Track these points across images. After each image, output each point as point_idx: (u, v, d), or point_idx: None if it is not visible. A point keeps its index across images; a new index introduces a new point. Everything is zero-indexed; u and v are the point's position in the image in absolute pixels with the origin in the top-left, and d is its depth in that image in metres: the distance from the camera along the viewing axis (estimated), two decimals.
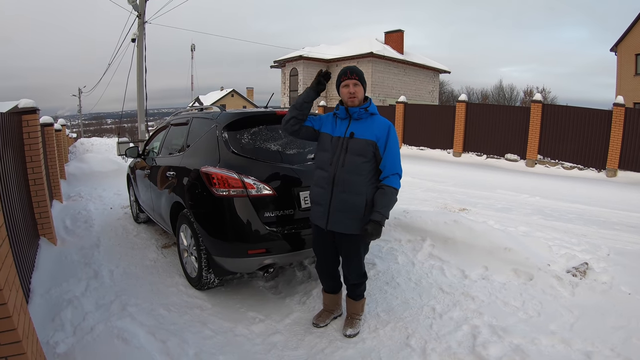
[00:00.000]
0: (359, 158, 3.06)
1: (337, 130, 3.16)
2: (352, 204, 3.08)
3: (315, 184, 3.24)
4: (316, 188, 3.22)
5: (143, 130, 14.57)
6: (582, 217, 6.90)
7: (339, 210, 3.09)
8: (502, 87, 52.70)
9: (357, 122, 3.13)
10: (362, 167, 3.07)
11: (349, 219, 3.10)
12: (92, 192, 9.48)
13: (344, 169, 3.06)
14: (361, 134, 3.07)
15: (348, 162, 3.06)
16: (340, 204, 3.08)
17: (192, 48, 39.90)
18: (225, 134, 3.99)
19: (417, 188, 9.28)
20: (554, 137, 14.21)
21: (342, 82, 3.13)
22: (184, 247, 4.33)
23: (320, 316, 3.57)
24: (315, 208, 3.24)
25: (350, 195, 3.07)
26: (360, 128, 3.09)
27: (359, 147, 3.06)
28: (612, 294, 3.73)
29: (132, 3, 13.59)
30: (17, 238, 3.66)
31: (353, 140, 3.07)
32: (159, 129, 6.20)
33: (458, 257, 4.54)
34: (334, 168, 3.08)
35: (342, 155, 3.07)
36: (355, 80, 3.08)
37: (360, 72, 3.14)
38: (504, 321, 3.39)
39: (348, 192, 3.06)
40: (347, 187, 3.06)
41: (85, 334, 3.24)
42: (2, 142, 3.72)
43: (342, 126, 3.15)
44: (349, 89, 3.08)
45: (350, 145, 3.07)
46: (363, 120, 3.13)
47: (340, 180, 3.06)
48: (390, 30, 29.53)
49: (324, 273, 3.49)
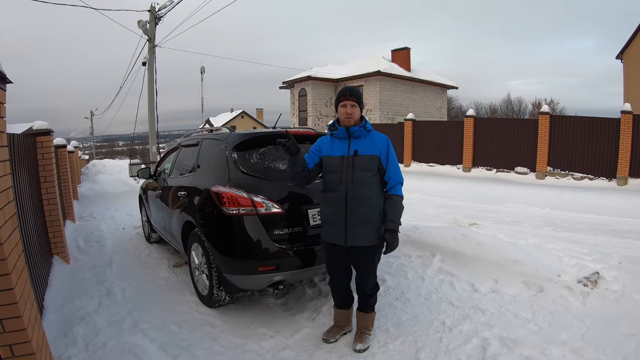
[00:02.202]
0: (367, 173, 3.14)
1: (337, 150, 3.24)
2: (368, 217, 3.16)
3: (326, 205, 3.29)
4: (328, 209, 3.27)
5: (154, 152, 14.74)
6: (593, 227, 6.87)
7: (357, 225, 3.15)
8: (511, 100, 52.66)
9: (357, 140, 3.21)
10: (371, 181, 3.16)
11: (367, 231, 3.17)
12: (105, 212, 9.59)
13: (354, 185, 3.13)
14: (364, 150, 3.16)
15: (357, 178, 3.13)
16: (357, 219, 3.15)
17: (201, 70, 40.46)
18: (235, 154, 4.06)
19: (427, 204, 9.28)
20: (563, 148, 14.19)
21: (340, 102, 3.20)
22: (195, 265, 4.37)
23: (330, 332, 3.58)
24: (330, 227, 3.27)
25: (365, 208, 3.15)
26: (362, 145, 3.19)
27: (365, 162, 3.14)
28: (624, 302, 3.68)
29: (142, 27, 13.87)
30: (32, 255, 3.74)
31: (358, 157, 3.16)
32: (170, 151, 6.30)
33: (468, 271, 4.53)
34: (344, 186, 3.15)
35: (350, 173, 3.15)
36: (353, 101, 3.16)
37: (359, 93, 3.22)
38: (514, 333, 3.37)
39: (363, 206, 3.14)
40: (362, 202, 3.13)
41: (97, 350, 3.30)
42: (18, 163, 3.81)
43: (342, 145, 3.24)
44: (347, 109, 3.16)
45: (356, 163, 3.15)
46: (362, 138, 3.22)
47: (353, 197, 3.13)
48: (397, 48, 29.66)
49: (339, 289, 3.51)
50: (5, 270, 2.04)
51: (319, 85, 27.13)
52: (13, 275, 2.09)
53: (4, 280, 2.04)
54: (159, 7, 13.87)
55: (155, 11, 13.97)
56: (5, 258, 2.03)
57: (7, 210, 2.20)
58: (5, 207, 2.16)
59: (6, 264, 2.04)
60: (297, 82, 27.81)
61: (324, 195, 3.33)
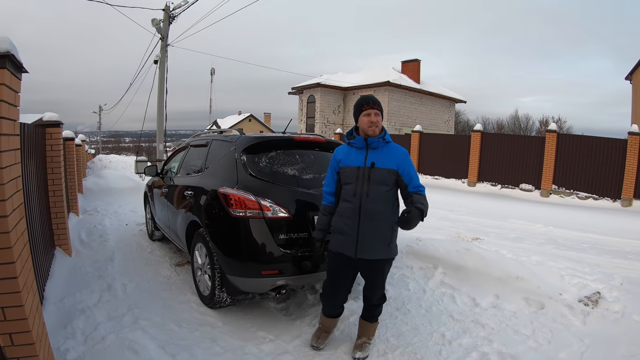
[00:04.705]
0: (382, 187, 3.09)
1: (355, 160, 3.16)
2: (381, 232, 3.12)
3: (339, 215, 3.22)
4: (342, 219, 3.19)
5: (161, 150, 14.79)
6: (596, 247, 6.84)
7: (369, 239, 3.10)
8: (518, 116, 52.73)
9: (374, 151, 3.14)
10: (386, 196, 3.11)
11: (378, 245, 3.13)
12: (108, 207, 9.62)
13: (368, 198, 3.07)
14: (382, 163, 3.09)
15: (372, 192, 3.07)
16: (369, 233, 3.09)
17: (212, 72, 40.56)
18: (244, 156, 4.07)
19: (430, 216, 9.16)
20: (568, 166, 14.15)
21: (363, 111, 3.12)
22: (198, 265, 4.37)
23: (319, 338, 3.54)
24: (341, 237, 3.19)
25: (378, 223, 3.10)
26: (380, 157, 3.11)
27: (382, 176, 3.08)
28: (624, 323, 3.68)
29: (156, 26, 13.96)
30: (35, 245, 3.75)
31: (374, 170, 3.08)
32: (178, 150, 6.32)
33: (469, 285, 4.52)
34: (358, 199, 3.09)
35: (365, 185, 3.08)
36: (377, 110, 3.09)
37: (380, 103, 3.17)
38: (513, 349, 3.36)
39: (375, 220, 3.09)
40: (375, 216, 3.08)
41: (96, 343, 3.30)
42: (27, 153, 3.83)
43: (359, 155, 3.16)
44: (371, 117, 3.08)
45: (373, 175, 3.08)
46: (380, 149, 3.14)
47: (366, 210, 3.07)
48: (407, 59, 29.71)
49: (337, 300, 3.46)
50: (10, 258, 2.05)
51: (328, 93, 27.16)
52: (17, 264, 2.10)
53: (8, 269, 2.05)
54: (174, 7, 13.97)
55: (170, 10, 14.06)
56: (11, 246, 2.04)
57: (16, 199, 2.21)
58: (14, 196, 2.17)
59: (11, 253, 2.05)
60: (306, 88, 27.85)
61: (340, 204, 3.25)
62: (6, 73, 2.05)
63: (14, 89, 2.20)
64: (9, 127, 2.13)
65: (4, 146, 2.05)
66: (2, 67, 2.02)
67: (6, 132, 2.08)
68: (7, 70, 2.06)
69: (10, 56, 2.04)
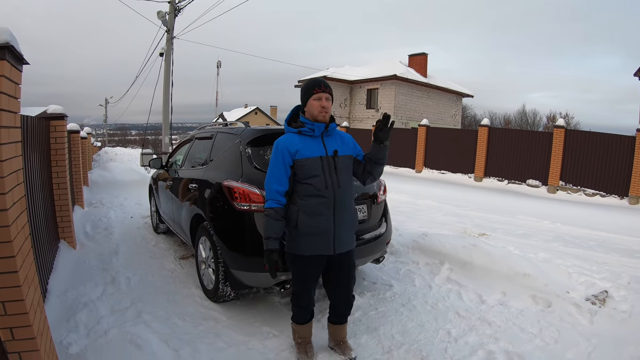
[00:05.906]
0: (348, 175, 3.00)
1: (314, 150, 2.89)
2: (352, 222, 3.04)
3: (309, 213, 2.88)
4: (314, 217, 2.88)
5: (167, 143, 14.81)
6: (603, 245, 6.76)
7: (344, 232, 2.96)
8: (525, 112, 52.52)
9: (329, 138, 2.96)
10: (351, 184, 3.04)
11: (351, 235, 3.06)
12: (114, 200, 9.64)
13: (340, 189, 2.90)
14: (342, 150, 2.97)
15: (343, 182, 2.92)
16: (343, 225, 2.95)
17: (218, 65, 40.56)
18: (249, 149, 4.04)
19: (437, 212, 9.21)
20: (576, 163, 14.04)
21: (314, 94, 2.87)
22: (202, 259, 4.35)
23: (307, 352, 3.23)
24: (313, 239, 2.90)
25: (350, 213, 3.01)
26: (337, 144, 2.97)
27: (345, 164, 2.97)
28: (632, 322, 3.63)
29: (161, 18, 13.93)
30: (38, 238, 3.74)
31: (338, 158, 2.93)
32: (183, 142, 6.29)
33: (476, 281, 4.48)
34: (331, 192, 2.87)
35: (334, 176, 2.89)
36: (328, 94, 2.89)
37: (331, 87, 2.97)
38: (520, 347, 3.32)
39: (348, 211, 2.98)
40: (348, 207, 2.98)
41: (98, 337, 3.29)
42: (30, 145, 3.81)
43: (315, 144, 2.91)
44: (322, 102, 2.86)
45: (338, 164, 2.92)
46: (332, 136, 2.99)
47: (340, 202, 2.90)
48: (414, 53, 29.59)
49: (310, 303, 3.17)
50: (10, 252, 2.02)
51: (334, 86, 27.06)
52: (18, 258, 2.07)
53: (8, 263, 2.03)
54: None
55: (176, 3, 14.03)
56: (11, 240, 2.02)
57: (17, 192, 2.18)
58: (15, 189, 2.15)
59: (11, 247, 2.02)
60: None
61: (303, 201, 2.89)
62: (6, 64, 2.02)
63: (14, 80, 2.16)
64: (9, 119, 2.10)
65: (4, 139, 2.02)
66: (2, 59, 1.99)
67: (6, 125, 2.05)
68: (7, 62, 2.03)
69: (10, 47, 2.01)
